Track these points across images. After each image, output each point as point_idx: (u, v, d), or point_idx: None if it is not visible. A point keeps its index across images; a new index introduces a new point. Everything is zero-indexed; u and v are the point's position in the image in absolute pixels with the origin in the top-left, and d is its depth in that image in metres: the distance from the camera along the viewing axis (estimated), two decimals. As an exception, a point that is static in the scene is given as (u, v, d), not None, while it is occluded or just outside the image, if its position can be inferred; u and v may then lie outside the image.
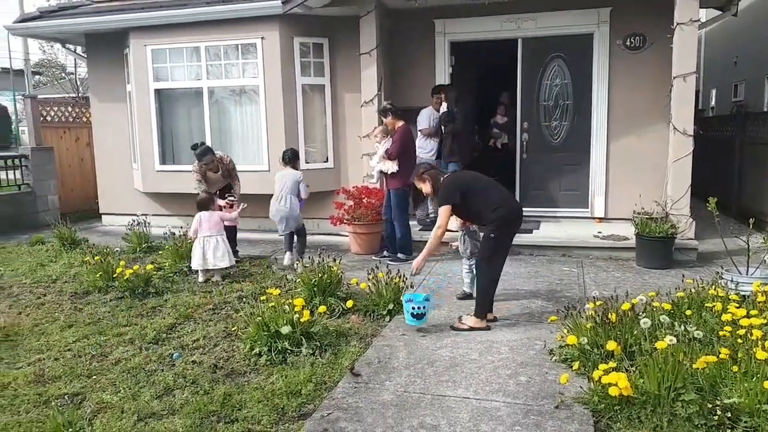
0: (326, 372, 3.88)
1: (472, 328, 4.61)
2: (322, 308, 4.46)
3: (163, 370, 4.03)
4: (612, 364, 3.32)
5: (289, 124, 8.20)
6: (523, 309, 5.13)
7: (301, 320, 4.17)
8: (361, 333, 4.59)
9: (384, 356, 4.11)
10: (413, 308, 4.44)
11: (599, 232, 7.42)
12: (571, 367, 3.84)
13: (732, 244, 7.64)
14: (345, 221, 7.35)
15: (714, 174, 10.23)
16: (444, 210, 4.54)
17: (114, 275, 5.92)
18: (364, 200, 7.42)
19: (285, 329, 4.15)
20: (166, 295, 5.72)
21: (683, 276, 6.18)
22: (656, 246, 6.51)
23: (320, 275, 5.12)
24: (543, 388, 3.58)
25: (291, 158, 6.79)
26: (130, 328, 4.87)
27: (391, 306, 4.91)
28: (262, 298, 4.50)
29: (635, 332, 3.82)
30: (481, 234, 4.74)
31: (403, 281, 5.06)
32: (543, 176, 8.53)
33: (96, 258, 6.17)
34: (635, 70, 7.83)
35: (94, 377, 3.96)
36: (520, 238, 7.04)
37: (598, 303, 4.30)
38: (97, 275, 5.98)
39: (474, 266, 4.94)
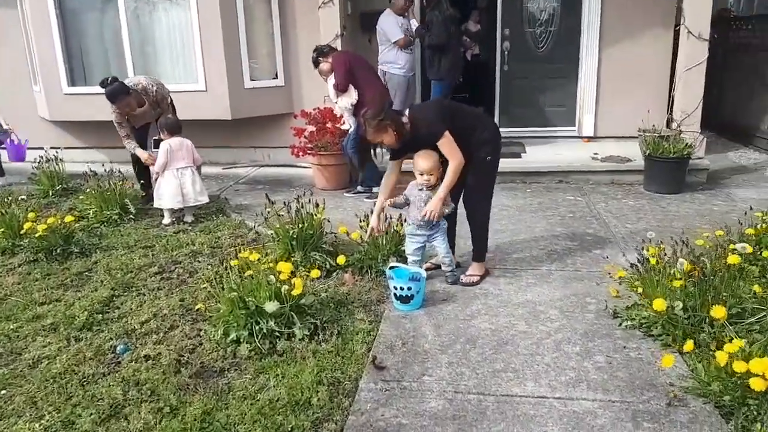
0: (337, 365, 2.85)
1: (482, 277, 3.78)
2: (314, 272, 3.37)
3: (104, 375, 2.88)
4: (739, 343, 2.46)
5: (229, 33, 6.72)
6: (549, 253, 4.25)
7: (293, 293, 3.09)
8: (363, 299, 3.57)
9: (407, 334, 3.12)
10: (395, 288, 3.40)
11: (596, 154, 6.59)
12: (650, 334, 3.01)
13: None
14: (308, 151, 6.15)
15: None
16: (448, 138, 3.43)
17: (22, 231, 4.57)
18: (329, 125, 6.21)
19: (270, 306, 3.07)
20: (94, 255, 4.46)
21: (701, 200, 5.51)
22: (669, 168, 5.74)
23: (299, 225, 4.01)
24: (633, 373, 2.72)
25: None
26: (50, 306, 3.63)
27: (393, 261, 3.89)
28: (233, 262, 3.36)
29: (735, 291, 3.00)
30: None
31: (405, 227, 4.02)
32: (526, 91, 7.54)
33: (-6, 209, 4.76)
34: (634, -36, 6.79)
35: (4, 392, 2.78)
36: (509, 164, 6.14)
37: (660, 247, 3.46)
38: (-1, 232, 4.62)
39: (434, 238, 3.69)
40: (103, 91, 5.12)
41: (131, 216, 5.27)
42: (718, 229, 4.64)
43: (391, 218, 3.98)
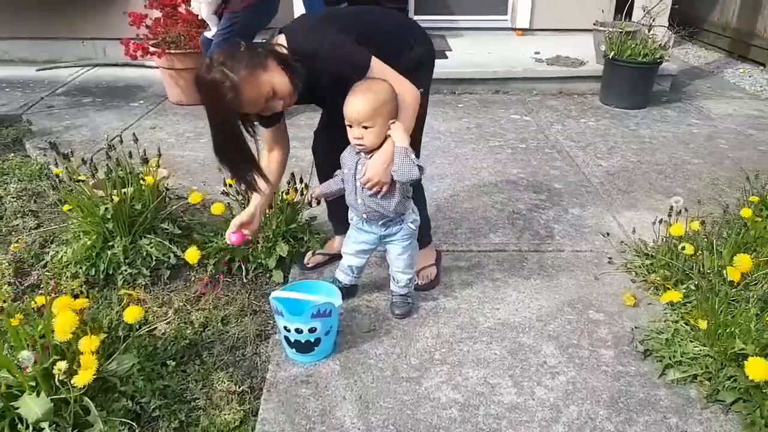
0: None
1: (438, 267, 2.42)
2: (132, 312, 1.77)
3: None
4: None
5: None
6: (511, 216, 2.91)
7: (75, 382, 1.53)
8: (231, 335, 2.08)
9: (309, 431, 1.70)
10: (287, 330, 1.87)
11: (537, 53, 5.20)
12: (717, 399, 1.79)
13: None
14: (149, 50, 4.25)
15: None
16: (379, 64, 1.85)
17: None
18: (182, 9, 4.31)
19: (31, 409, 1.52)
20: None
21: (673, 119, 4.36)
22: (636, 75, 4.47)
23: (120, 193, 2.35)
24: None
25: None
26: None
27: (283, 249, 2.39)
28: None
29: None
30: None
31: (301, 193, 2.50)
32: (448, -33, 5.89)
33: None
34: None
35: None
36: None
37: (694, 222, 2.25)
38: None
39: (390, 240, 2.08)
40: None
41: None
42: (710, 162, 3.56)
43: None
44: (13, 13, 5.10)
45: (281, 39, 1.88)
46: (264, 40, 1.91)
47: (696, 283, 2.08)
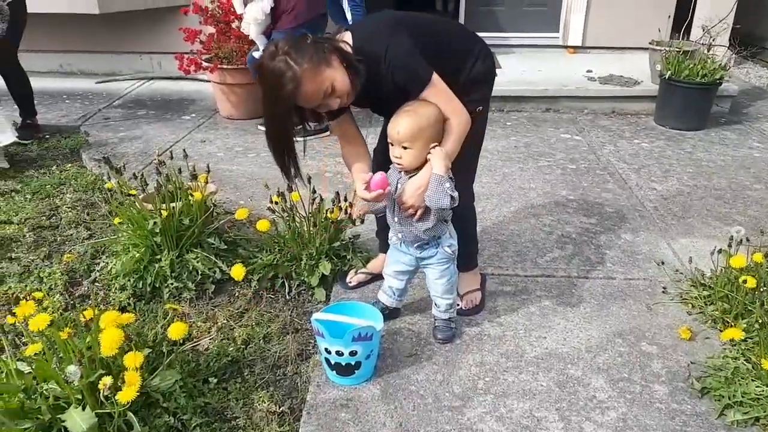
0: None
1: (483, 292, 2.36)
2: (177, 329, 1.75)
3: None
4: None
5: None
6: (559, 240, 2.82)
7: (120, 398, 1.54)
8: (272, 352, 2.07)
9: (348, 456, 1.68)
10: (327, 351, 1.86)
11: (590, 72, 5.09)
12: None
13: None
14: (202, 65, 4.35)
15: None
16: (439, 84, 1.82)
17: None
18: (236, 25, 4.40)
19: (77, 422, 1.54)
20: None
21: (733, 142, 4.18)
22: (694, 96, 4.32)
23: (168, 208, 2.39)
24: None
25: None
26: None
27: (326, 267, 2.38)
28: (8, 320, 1.77)
29: None
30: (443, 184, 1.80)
31: (345, 211, 2.49)
32: (499, -16, 5.85)
33: None
34: None
35: None
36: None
37: (757, 254, 2.13)
38: None
39: (427, 265, 2.03)
40: None
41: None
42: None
43: (313, 184, 2.42)
44: (77, 27, 5.30)
45: (347, 36, 1.86)
46: (328, 35, 1.90)
47: (758, 319, 1.97)
